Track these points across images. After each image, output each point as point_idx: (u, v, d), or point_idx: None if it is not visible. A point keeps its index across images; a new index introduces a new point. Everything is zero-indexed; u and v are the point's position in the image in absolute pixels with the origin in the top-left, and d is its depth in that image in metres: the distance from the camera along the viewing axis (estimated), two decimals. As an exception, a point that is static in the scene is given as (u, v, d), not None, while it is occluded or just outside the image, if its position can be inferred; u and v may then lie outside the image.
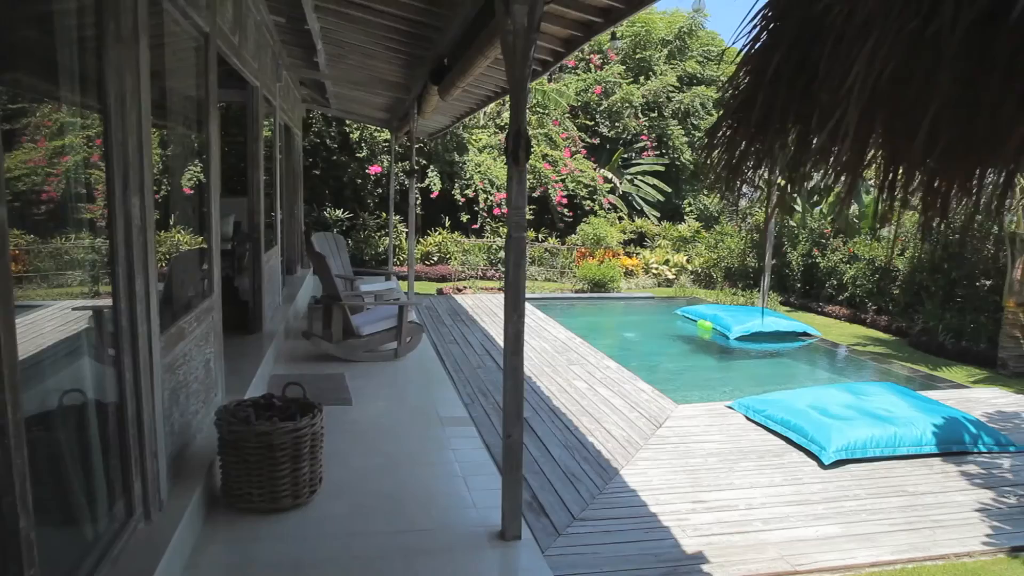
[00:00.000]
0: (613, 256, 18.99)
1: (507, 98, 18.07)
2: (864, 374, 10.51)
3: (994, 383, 10.34)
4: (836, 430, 5.86)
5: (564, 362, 8.86)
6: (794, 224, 17.95)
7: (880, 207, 1.73)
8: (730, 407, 7.14)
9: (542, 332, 10.75)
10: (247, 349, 6.73)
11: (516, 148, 3.34)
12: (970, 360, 11.79)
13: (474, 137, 20.32)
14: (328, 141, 17.23)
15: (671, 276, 19.47)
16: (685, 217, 23.89)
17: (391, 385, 6.76)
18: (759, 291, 17.53)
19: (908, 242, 14.87)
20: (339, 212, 17.22)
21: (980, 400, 7.94)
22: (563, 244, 19.65)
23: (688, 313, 13.23)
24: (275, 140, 9.12)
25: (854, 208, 18.02)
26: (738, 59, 1.87)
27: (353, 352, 7.41)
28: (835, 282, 16.23)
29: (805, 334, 12.19)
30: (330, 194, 17.75)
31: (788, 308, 16.71)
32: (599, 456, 5.64)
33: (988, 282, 13.01)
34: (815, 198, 18.99)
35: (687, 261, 20.06)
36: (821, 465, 5.72)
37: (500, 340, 10.17)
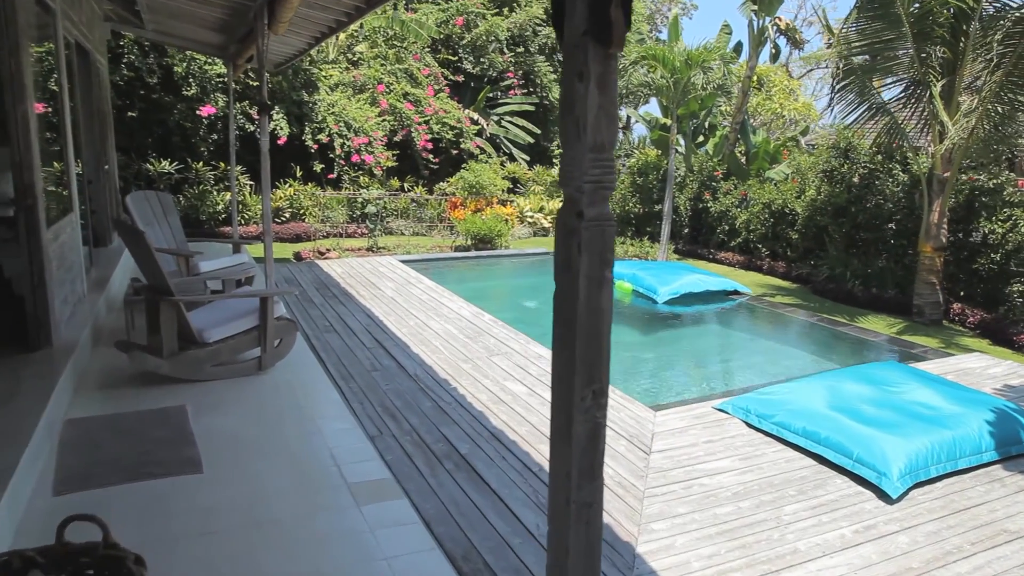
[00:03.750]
0: (487, 205, 17.16)
1: (358, 26, 15.36)
2: (813, 336, 9.41)
3: (916, 332, 9.68)
4: (890, 445, 4.41)
5: (482, 352, 6.94)
6: (678, 168, 16.81)
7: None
8: (721, 409, 5.57)
9: (439, 308, 8.76)
10: (24, 380, 4.35)
11: (604, 5, 1.36)
12: (881, 307, 11.16)
13: (324, 73, 17.57)
14: (146, 76, 13.99)
15: (547, 224, 17.99)
16: (554, 160, 22.42)
17: (259, 420, 4.60)
18: (648, 239, 16.37)
19: (807, 183, 14.04)
20: (165, 164, 14.13)
21: (973, 372, 6.88)
22: (431, 193, 17.58)
23: (598, 273, 11.61)
24: (60, 62, 6.43)
25: (740, 148, 17.14)
26: None
27: (197, 369, 5.14)
28: (727, 227, 15.30)
29: (736, 292, 10.96)
30: (153, 142, 14.56)
31: (678, 256, 15.66)
32: (592, 520, 3.85)
33: (891, 225, 12.38)
34: (700, 139, 17.97)
35: (563, 208, 18.61)
36: (884, 497, 4.26)
37: (388, 321, 8.18)
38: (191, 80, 14.42)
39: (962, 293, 11.02)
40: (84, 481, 3.57)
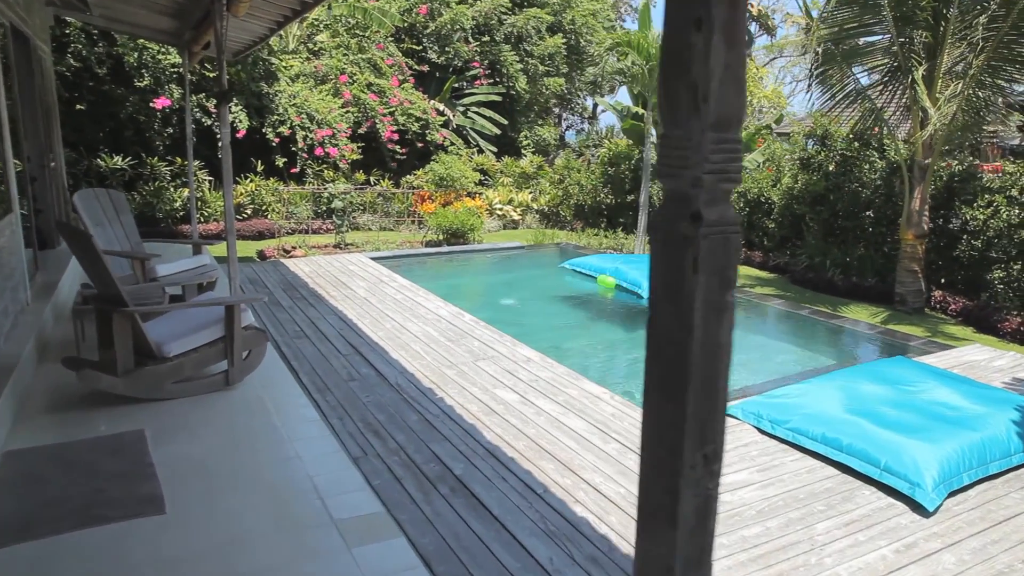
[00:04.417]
0: (456, 198, 16.68)
1: (319, 14, 14.68)
2: (805, 329, 9.14)
3: (900, 322, 9.52)
4: (920, 452, 4.10)
5: (467, 356, 6.50)
6: (653, 158, 16.52)
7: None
8: (730, 414, 5.22)
9: (416, 308, 8.29)
10: (-43, 407, 3.81)
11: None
12: (862, 296, 10.99)
13: (284, 64, 16.89)
14: (95, 66, 13.21)
15: (516, 217, 17.59)
16: (523, 151, 22.02)
17: (229, 445, 4.11)
18: (622, 230, 16.06)
19: (782, 172, 13.84)
20: (118, 159, 13.37)
21: (978, 364, 6.65)
22: (397, 187, 17.03)
23: (579, 267, 11.20)
24: (-6, 49, 5.83)
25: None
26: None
27: (156, 387, 4.63)
28: (702, 217, 15.03)
29: (721, 285, 10.65)
30: (104, 136, 13.79)
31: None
32: (612, 551, 3.45)
33: (870, 213, 12.22)
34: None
35: (532, 200, 18.23)
36: (919, 510, 3.94)
37: (362, 324, 7.67)
38: (144, 71, 13.67)
39: (943, 280, 10.91)
40: (24, 530, 3.07)
